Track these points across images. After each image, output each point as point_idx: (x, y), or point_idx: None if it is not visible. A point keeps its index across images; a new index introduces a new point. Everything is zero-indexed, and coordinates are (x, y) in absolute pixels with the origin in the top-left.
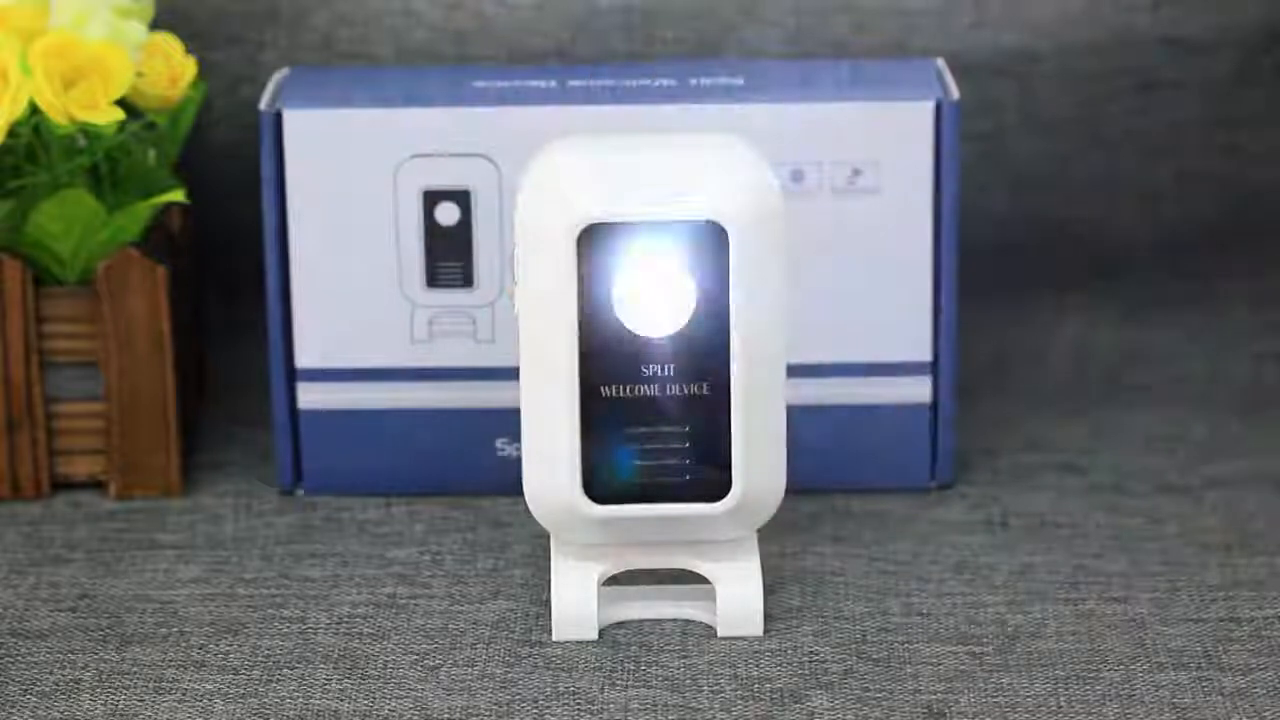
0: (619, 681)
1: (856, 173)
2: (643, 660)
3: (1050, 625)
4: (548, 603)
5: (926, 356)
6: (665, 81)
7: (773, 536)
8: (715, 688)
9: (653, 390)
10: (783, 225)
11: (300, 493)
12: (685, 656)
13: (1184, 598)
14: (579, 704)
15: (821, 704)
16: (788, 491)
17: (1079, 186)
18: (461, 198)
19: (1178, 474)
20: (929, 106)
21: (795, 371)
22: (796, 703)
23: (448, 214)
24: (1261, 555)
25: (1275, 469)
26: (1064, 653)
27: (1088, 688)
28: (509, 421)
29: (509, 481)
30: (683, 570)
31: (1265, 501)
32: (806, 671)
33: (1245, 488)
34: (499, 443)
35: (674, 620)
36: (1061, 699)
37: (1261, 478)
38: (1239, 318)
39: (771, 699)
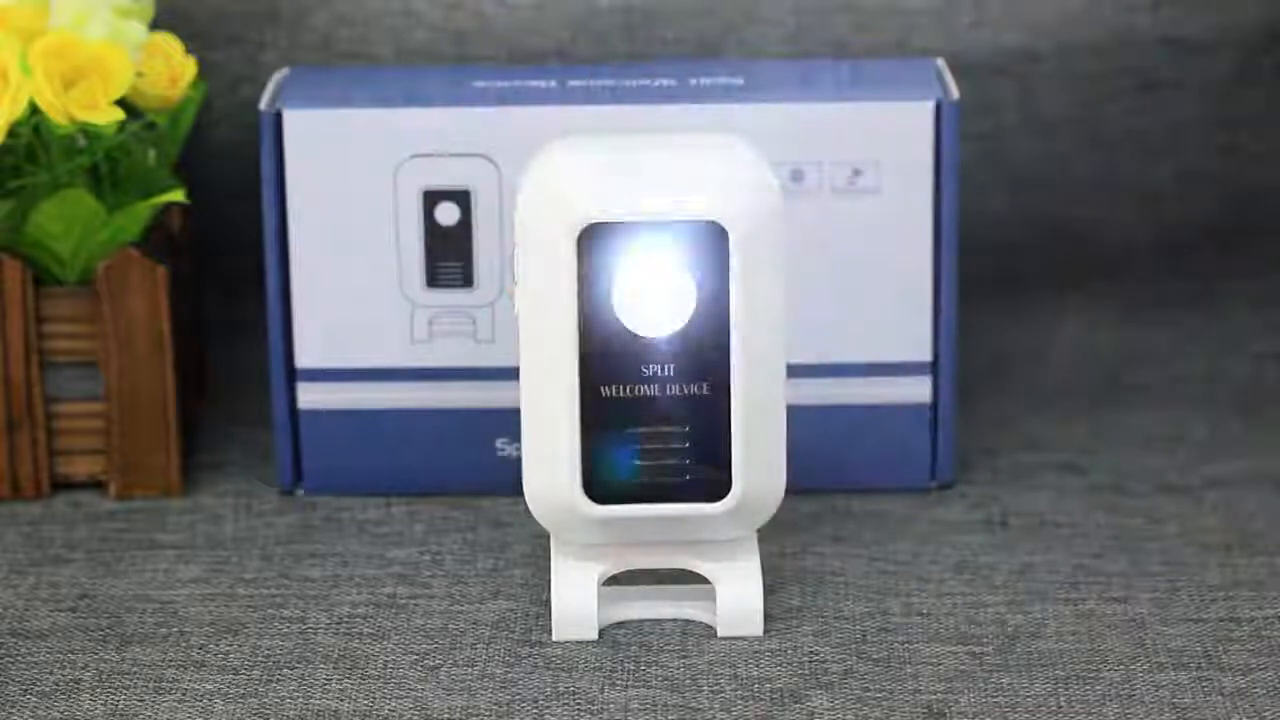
0: (619, 681)
1: (856, 173)
2: (643, 660)
3: (1050, 625)
4: (548, 603)
5: (926, 356)
6: (665, 81)
7: (773, 536)
8: (715, 688)
9: (653, 390)
10: (783, 225)
11: (300, 493)
12: (685, 656)
13: (1184, 598)
14: (579, 704)
15: (821, 704)
16: (788, 491)
17: (1079, 186)
18: (461, 198)
19: (1178, 474)
20: (929, 106)
21: (795, 371)
22: (796, 703)
23: (448, 214)
24: (1261, 555)
25: (1275, 469)
26: (1064, 653)
27: (1088, 688)
28: (509, 421)
29: (509, 481)
30: (683, 570)
31: (1265, 501)
32: (806, 671)
33: (1245, 488)
34: (499, 443)
35: (674, 620)
36: (1061, 699)
37: (1261, 478)
38: (1239, 318)
39: (771, 699)
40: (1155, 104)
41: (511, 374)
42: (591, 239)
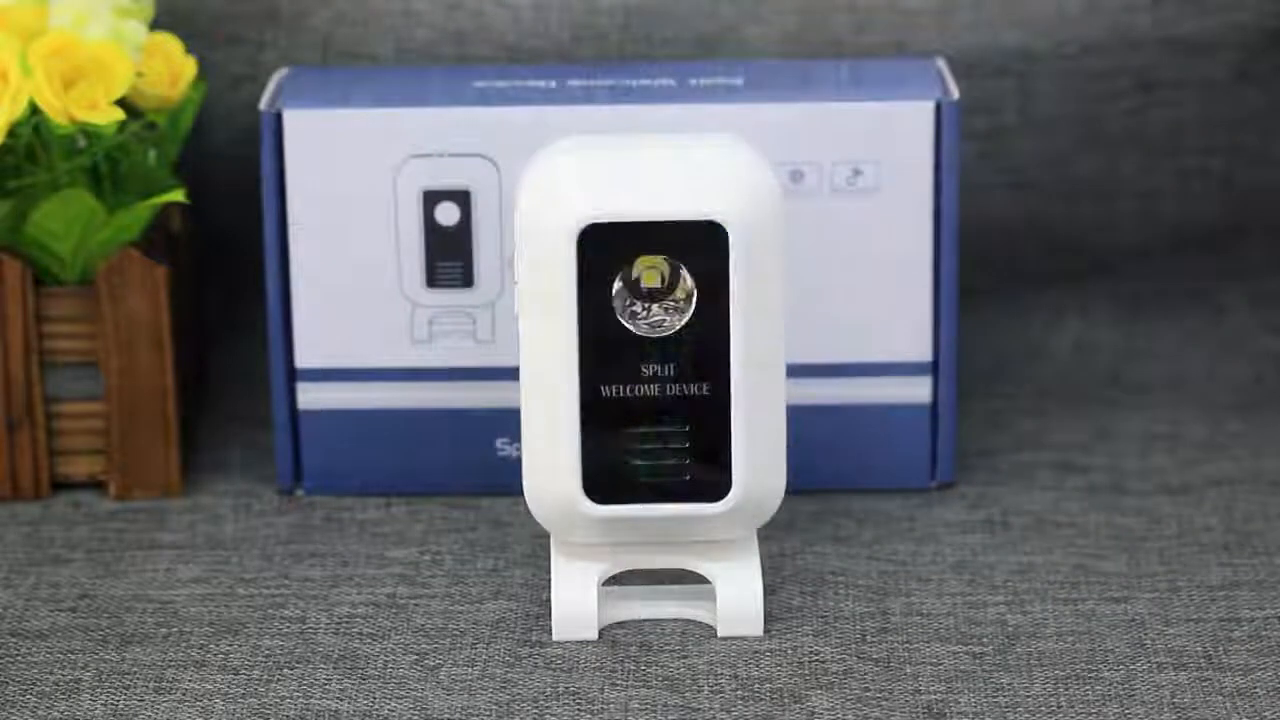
0: (619, 681)
1: (856, 173)
2: (643, 660)
3: (1050, 625)
4: (548, 603)
5: (926, 356)
6: (665, 81)
7: (773, 536)
8: (715, 688)
9: (653, 390)
10: (783, 225)
11: (300, 493)
12: (685, 656)
13: (1184, 598)
14: (579, 704)
15: (821, 704)
16: (788, 491)
17: (1079, 186)
18: (461, 198)
19: (1178, 474)
20: (929, 106)
21: (795, 371)
22: (796, 703)
23: (448, 214)
24: (1261, 555)
25: (1275, 469)
26: (1064, 653)
27: (1088, 688)
28: (509, 421)
29: (509, 481)
30: (683, 570)
31: (1265, 501)
32: (806, 671)
33: (1245, 488)
34: (499, 443)
35: (674, 620)
36: (1061, 699)
37: (1261, 478)
38: (1239, 318)
39: (771, 699)
40: (1155, 104)
41: (511, 374)
42: (591, 239)
